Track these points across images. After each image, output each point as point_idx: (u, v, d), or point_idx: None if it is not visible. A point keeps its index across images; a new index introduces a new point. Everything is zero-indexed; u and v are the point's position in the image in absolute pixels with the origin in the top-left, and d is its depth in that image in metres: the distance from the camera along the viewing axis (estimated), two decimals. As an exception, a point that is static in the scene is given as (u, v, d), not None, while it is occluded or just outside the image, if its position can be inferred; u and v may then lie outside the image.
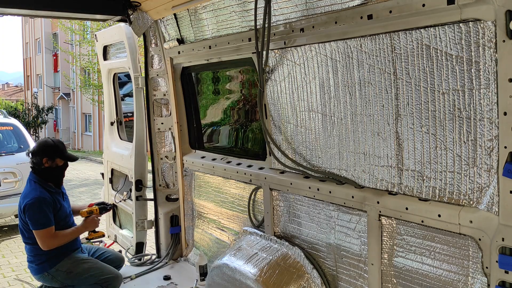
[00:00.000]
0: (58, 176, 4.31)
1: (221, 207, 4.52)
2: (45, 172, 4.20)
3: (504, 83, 2.09)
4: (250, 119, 4.44)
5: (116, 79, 6.02)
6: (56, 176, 4.29)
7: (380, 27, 2.59)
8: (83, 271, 4.17)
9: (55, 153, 4.23)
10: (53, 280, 4.17)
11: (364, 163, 2.92)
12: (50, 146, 4.25)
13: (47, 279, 4.18)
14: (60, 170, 4.31)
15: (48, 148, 4.23)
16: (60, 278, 4.15)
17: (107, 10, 4.62)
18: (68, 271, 4.14)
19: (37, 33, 45.86)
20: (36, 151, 4.21)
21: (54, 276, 4.14)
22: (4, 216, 9.26)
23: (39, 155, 4.17)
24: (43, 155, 4.17)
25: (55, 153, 4.22)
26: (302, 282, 3.32)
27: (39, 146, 4.25)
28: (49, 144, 4.27)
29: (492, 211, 2.26)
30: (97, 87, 23.48)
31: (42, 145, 4.27)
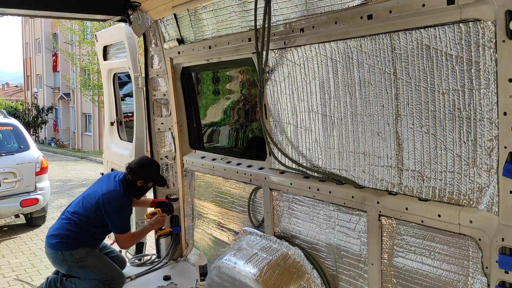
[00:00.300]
0: (141, 194, 4.63)
1: (221, 207, 4.52)
2: (134, 189, 4.48)
3: (504, 83, 2.09)
4: (250, 119, 4.44)
5: (116, 79, 6.02)
6: (140, 194, 4.61)
7: (380, 27, 2.59)
8: (91, 265, 4.28)
9: (150, 178, 4.52)
10: (63, 262, 4.26)
11: (364, 163, 2.92)
12: (149, 170, 4.51)
13: (58, 259, 4.26)
14: (146, 190, 4.63)
15: (148, 172, 4.49)
16: (69, 263, 4.24)
17: (107, 10, 4.62)
18: (79, 259, 4.25)
19: (37, 33, 45.86)
20: (136, 169, 4.43)
21: (65, 258, 4.23)
22: (4, 216, 9.25)
23: (136, 175, 4.42)
24: (139, 177, 4.43)
25: (150, 177, 4.51)
26: (302, 282, 3.32)
27: (140, 168, 4.45)
28: (149, 169, 4.51)
29: (492, 211, 2.26)
30: (97, 87, 23.47)
31: (142, 167, 4.47)
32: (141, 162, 4.53)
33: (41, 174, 9.30)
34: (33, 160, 9.20)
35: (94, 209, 4.28)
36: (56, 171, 18.76)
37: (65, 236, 4.26)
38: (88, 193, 4.45)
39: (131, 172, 4.42)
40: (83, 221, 4.29)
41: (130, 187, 4.44)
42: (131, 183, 4.43)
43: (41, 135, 42.63)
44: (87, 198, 4.39)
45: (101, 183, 4.53)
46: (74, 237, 4.26)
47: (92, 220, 4.30)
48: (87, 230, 4.31)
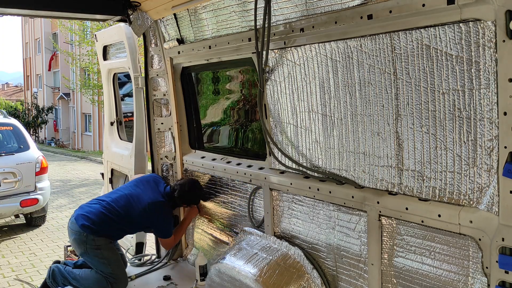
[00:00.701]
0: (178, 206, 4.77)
1: (221, 207, 4.52)
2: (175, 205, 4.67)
3: (504, 83, 2.09)
4: (250, 119, 4.44)
5: (116, 79, 6.02)
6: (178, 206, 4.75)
7: (380, 27, 2.59)
8: (105, 256, 4.36)
9: (193, 202, 4.70)
10: (82, 243, 4.33)
11: (364, 163, 2.92)
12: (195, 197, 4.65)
13: (80, 238, 4.32)
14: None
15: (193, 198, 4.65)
16: (88, 245, 4.32)
17: (107, 10, 4.61)
18: (97, 246, 4.33)
19: (37, 33, 45.88)
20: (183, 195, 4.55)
21: (87, 240, 4.31)
22: (4, 216, 9.26)
23: (183, 199, 4.58)
24: (185, 202, 4.64)
25: (193, 202, 4.70)
26: (302, 282, 3.32)
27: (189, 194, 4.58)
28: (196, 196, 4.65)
29: (492, 211, 2.26)
30: (97, 87, 23.47)
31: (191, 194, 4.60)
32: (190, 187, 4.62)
33: (41, 174, 9.31)
34: (33, 160, 9.21)
35: (136, 213, 4.40)
36: (56, 171, 18.77)
37: (96, 223, 4.34)
38: (134, 194, 4.52)
39: (180, 196, 4.55)
40: (120, 216, 4.38)
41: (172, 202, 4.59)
42: (175, 201, 4.59)
43: (41, 135, 42.63)
44: (131, 198, 4.47)
45: (147, 187, 4.63)
46: (104, 227, 4.36)
47: (128, 220, 4.41)
48: (118, 226, 4.42)
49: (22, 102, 46.72)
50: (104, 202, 4.47)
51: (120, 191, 4.62)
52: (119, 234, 4.61)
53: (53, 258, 7.52)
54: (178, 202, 4.61)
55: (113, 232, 4.45)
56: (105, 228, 4.37)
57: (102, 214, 4.38)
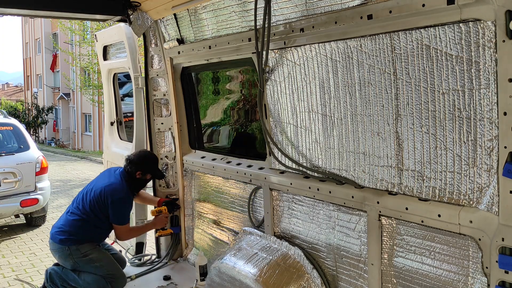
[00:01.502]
0: (140, 187, 4.73)
1: (221, 207, 4.52)
2: (133, 181, 4.57)
3: (504, 83, 2.09)
4: (250, 119, 4.44)
5: (116, 79, 6.02)
6: (139, 186, 4.71)
7: (380, 27, 2.59)
8: (95, 259, 4.35)
9: (150, 169, 4.61)
10: (69, 257, 4.33)
11: (364, 163, 2.92)
12: (149, 162, 4.62)
13: (65, 253, 4.33)
14: (145, 183, 4.74)
15: (147, 163, 4.60)
16: (75, 257, 4.32)
17: (107, 10, 4.62)
18: (85, 253, 4.32)
19: (37, 33, 45.86)
20: (135, 161, 4.54)
21: (71, 253, 4.31)
22: (4, 216, 9.25)
23: (136, 166, 4.52)
24: (138, 168, 4.53)
25: (150, 169, 4.61)
26: (302, 282, 3.32)
27: (140, 158, 4.58)
28: (149, 160, 4.63)
29: (492, 211, 2.26)
30: (97, 87, 23.47)
31: (143, 158, 4.60)
32: (140, 153, 4.68)
33: (41, 174, 9.30)
34: (33, 160, 9.20)
35: (98, 203, 4.37)
36: (56, 171, 18.76)
37: (72, 232, 4.34)
38: (91, 188, 4.52)
39: (130, 163, 4.53)
40: (88, 215, 4.37)
41: (130, 180, 4.53)
42: (130, 175, 4.53)
43: (41, 135, 42.63)
44: (90, 192, 4.47)
45: (103, 177, 4.62)
46: (81, 232, 4.35)
47: (96, 214, 4.39)
48: (93, 225, 4.41)
49: (22, 102, 46.72)
50: (69, 209, 4.48)
51: (82, 190, 4.61)
52: (99, 234, 4.54)
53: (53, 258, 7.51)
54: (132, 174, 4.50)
55: (92, 234, 4.43)
56: (83, 233, 4.35)
57: (72, 221, 4.37)
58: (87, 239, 4.37)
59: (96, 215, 4.40)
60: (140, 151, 4.77)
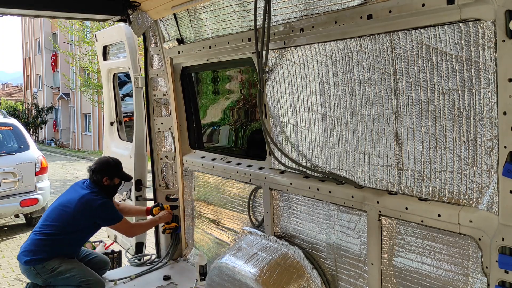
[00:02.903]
0: (111, 193, 4.60)
1: (221, 207, 4.52)
2: (103, 188, 4.46)
3: (503, 83, 2.09)
4: (250, 119, 4.44)
5: (116, 79, 6.02)
6: (111, 193, 4.59)
7: (380, 27, 2.59)
8: (64, 271, 4.22)
9: (115, 174, 4.53)
10: (37, 276, 4.23)
11: (364, 163, 2.92)
12: (112, 167, 4.55)
13: (32, 273, 4.23)
14: (116, 188, 4.62)
15: (110, 168, 4.52)
16: (43, 275, 4.21)
17: (107, 10, 4.62)
18: (52, 269, 4.20)
19: (37, 33, 45.85)
20: (98, 169, 4.47)
21: (38, 272, 4.20)
22: (4, 216, 9.25)
23: (100, 173, 4.44)
24: (104, 174, 4.44)
25: (115, 173, 4.53)
26: (302, 282, 3.32)
27: (102, 165, 4.52)
28: (111, 165, 4.56)
29: (492, 211, 2.26)
30: (97, 87, 23.47)
31: (105, 164, 4.54)
32: (101, 160, 4.63)
33: (41, 174, 9.30)
34: (33, 160, 9.20)
35: (69, 216, 4.24)
36: (56, 171, 18.76)
37: (37, 252, 4.20)
38: (59, 203, 4.39)
39: (94, 172, 4.46)
40: (55, 231, 4.24)
41: (100, 188, 4.44)
42: (98, 184, 4.44)
43: (41, 135, 42.62)
44: (58, 207, 4.34)
45: (71, 192, 4.47)
46: (47, 249, 4.22)
47: (64, 228, 4.24)
48: (59, 240, 4.26)
49: (22, 102, 46.71)
50: (36, 228, 4.36)
51: (50, 206, 4.49)
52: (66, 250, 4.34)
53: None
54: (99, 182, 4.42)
55: (58, 250, 4.26)
56: (49, 250, 4.21)
57: (37, 241, 4.25)
58: (52, 255, 4.22)
59: (64, 229, 4.25)
60: (100, 159, 4.70)
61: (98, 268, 4.61)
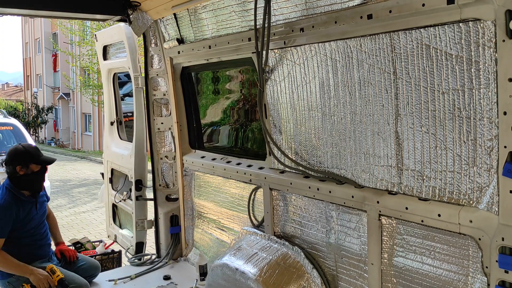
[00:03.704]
0: (35, 182, 4.18)
1: (221, 207, 4.52)
2: (21, 180, 4.10)
3: (504, 83, 2.09)
4: (250, 119, 4.44)
5: (116, 79, 6.02)
6: (33, 182, 4.16)
7: (380, 27, 2.60)
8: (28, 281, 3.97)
9: (28, 160, 4.10)
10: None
11: (364, 162, 2.92)
12: (21, 153, 4.13)
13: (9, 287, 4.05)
14: (38, 176, 4.18)
15: (19, 155, 4.12)
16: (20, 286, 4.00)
17: (107, 10, 4.62)
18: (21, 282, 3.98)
19: (37, 33, 45.88)
20: (8, 160, 4.11)
21: (14, 285, 4.01)
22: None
23: (12, 163, 4.08)
24: (15, 163, 4.07)
25: (27, 159, 4.10)
26: (302, 282, 3.32)
27: (10, 155, 4.14)
28: (20, 152, 4.15)
29: (492, 211, 2.26)
30: (97, 87, 23.48)
31: (12, 153, 4.16)
32: (10, 151, 4.22)
33: (41, 174, 9.28)
34: (33, 160, 9.19)
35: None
36: (56, 171, 18.76)
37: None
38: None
39: (6, 165, 4.11)
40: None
41: (16, 182, 4.10)
42: (13, 176, 4.09)
43: (41, 135, 42.64)
44: None
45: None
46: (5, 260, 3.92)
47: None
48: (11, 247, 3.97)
49: (22, 102, 46.73)
50: None
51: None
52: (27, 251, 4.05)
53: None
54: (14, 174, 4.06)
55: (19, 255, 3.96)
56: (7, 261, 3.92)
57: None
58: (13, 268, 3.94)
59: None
60: (9, 150, 4.27)
61: (89, 275, 4.47)
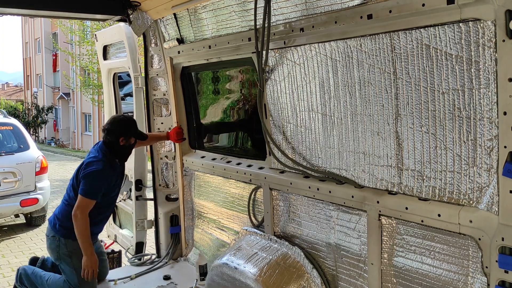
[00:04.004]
0: (127, 153, 4.40)
1: (221, 207, 4.52)
2: (118, 150, 4.26)
3: (504, 83, 2.09)
4: (250, 119, 4.44)
5: (116, 79, 6.02)
6: (126, 153, 4.38)
7: (380, 27, 2.60)
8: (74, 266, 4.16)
9: (129, 132, 4.28)
10: (56, 248, 4.20)
11: (364, 162, 2.92)
12: (127, 125, 4.29)
13: (54, 243, 4.21)
14: (131, 147, 4.41)
15: (125, 127, 4.27)
16: (61, 251, 4.18)
17: (107, 10, 4.62)
18: (69, 251, 4.17)
19: (37, 33, 45.86)
20: (111, 129, 4.22)
21: (59, 245, 4.18)
22: (4, 216, 9.26)
23: (115, 133, 4.20)
24: (119, 134, 4.20)
25: (131, 132, 4.28)
26: (302, 282, 3.32)
27: (115, 125, 4.26)
28: (126, 123, 4.30)
29: (492, 211, 2.26)
30: (97, 87, 23.48)
31: (119, 123, 4.28)
32: (115, 119, 4.38)
33: (41, 174, 9.31)
34: (33, 160, 9.21)
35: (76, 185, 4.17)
36: (56, 171, 18.77)
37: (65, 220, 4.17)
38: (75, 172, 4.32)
39: (108, 133, 4.22)
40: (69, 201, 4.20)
41: (112, 150, 4.24)
42: (112, 145, 4.23)
43: (41, 135, 42.62)
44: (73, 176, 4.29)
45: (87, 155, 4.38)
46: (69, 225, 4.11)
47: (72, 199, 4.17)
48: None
49: (22, 102, 46.72)
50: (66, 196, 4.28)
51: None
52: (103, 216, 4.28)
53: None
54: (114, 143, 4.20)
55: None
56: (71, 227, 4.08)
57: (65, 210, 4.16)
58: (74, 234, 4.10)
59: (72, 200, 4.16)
60: (113, 117, 4.44)
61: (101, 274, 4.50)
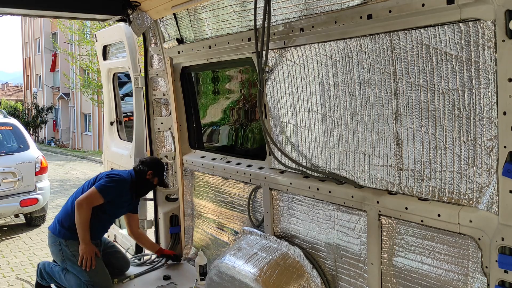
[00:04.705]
0: (145, 190, 4.78)
1: (221, 207, 4.52)
2: (141, 180, 4.59)
3: (503, 83, 2.09)
4: (250, 119, 4.44)
5: (115, 79, 6.02)
6: (145, 188, 4.72)
7: (380, 27, 2.60)
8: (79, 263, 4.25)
9: (159, 173, 4.70)
10: (60, 252, 4.30)
11: (364, 162, 2.92)
12: (159, 166, 4.74)
13: (56, 249, 4.31)
14: (150, 187, 4.80)
15: (158, 166, 4.71)
16: (65, 254, 4.28)
17: (107, 10, 4.62)
18: (72, 252, 4.26)
19: (37, 33, 45.85)
20: (147, 162, 4.67)
21: (61, 249, 4.28)
22: (4, 216, 9.25)
23: (148, 166, 4.62)
24: (150, 168, 4.62)
25: (159, 173, 4.70)
26: (301, 282, 3.33)
27: (152, 161, 4.74)
28: (160, 164, 4.76)
29: (492, 211, 2.26)
30: (97, 87, 23.47)
31: (155, 161, 4.77)
32: (154, 158, 4.87)
33: (40, 174, 9.29)
34: (32, 160, 9.20)
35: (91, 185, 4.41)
36: (55, 171, 18.75)
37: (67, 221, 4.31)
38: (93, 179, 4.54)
39: (143, 163, 4.63)
40: None
41: (138, 178, 4.56)
42: (140, 174, 4.57)
43: (40, 135, 42.61)
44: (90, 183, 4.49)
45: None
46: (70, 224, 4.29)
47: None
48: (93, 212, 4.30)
49: (22, 102, 46.71)
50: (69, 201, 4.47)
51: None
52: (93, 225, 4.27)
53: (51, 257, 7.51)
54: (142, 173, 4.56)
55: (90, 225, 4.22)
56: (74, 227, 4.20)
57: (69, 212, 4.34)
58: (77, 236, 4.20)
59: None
60: (153, 157, 4.96)
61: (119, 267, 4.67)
